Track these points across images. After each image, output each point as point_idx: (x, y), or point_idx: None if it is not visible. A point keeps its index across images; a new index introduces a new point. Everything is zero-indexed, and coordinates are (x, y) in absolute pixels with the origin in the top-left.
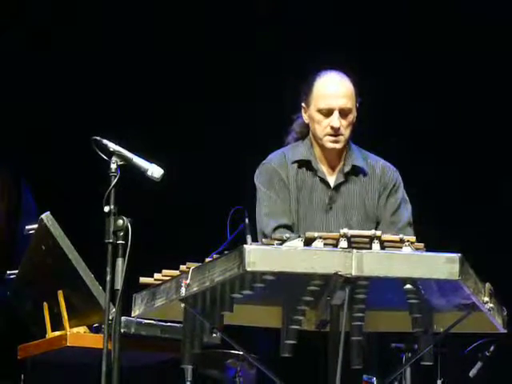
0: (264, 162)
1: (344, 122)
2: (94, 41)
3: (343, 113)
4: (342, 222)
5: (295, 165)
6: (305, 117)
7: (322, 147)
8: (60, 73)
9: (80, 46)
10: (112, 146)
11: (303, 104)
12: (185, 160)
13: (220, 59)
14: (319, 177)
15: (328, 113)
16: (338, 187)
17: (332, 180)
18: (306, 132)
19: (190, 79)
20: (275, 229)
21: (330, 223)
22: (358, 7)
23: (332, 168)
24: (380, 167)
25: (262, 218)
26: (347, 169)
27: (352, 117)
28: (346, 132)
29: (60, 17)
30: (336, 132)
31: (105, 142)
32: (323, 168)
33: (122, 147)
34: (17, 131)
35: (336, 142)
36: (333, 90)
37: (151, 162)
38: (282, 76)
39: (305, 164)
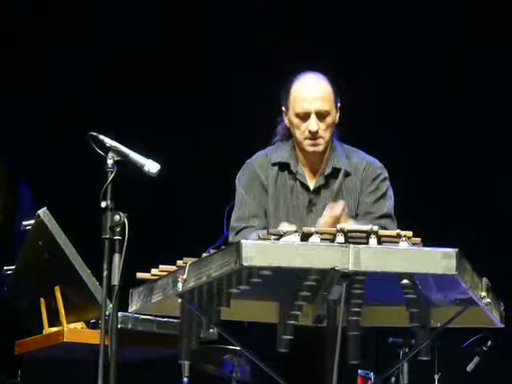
0: (248, 161)
1: (322, 125)
2: (94, 39)
3: (320, 115)
4: None
5: (276, 167)
6: (286, 120)
7: (303, 150)
8: (58, 71)
9: (79, 44)
10: (108, 142)
11: (283, 108)
12: (183, 156)
13: (220, 59)
14: (299, 180)
15: (305, 116)
16: (318, 190)
17: (312, 183)
18: (289, 134)
19: (190, 79)
20: (241, 229)
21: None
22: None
23: (314, 170)
24: (364, 165)
25: (234, 220)
26: (327, 171)
27: (331, 119)
28: (325, 134)
29: (60, 16)
30: (314, 136)
31: (101, 137)
32: (304, 171)
33: (119, 143)
34: (14, 127)
35: (315, 145)
36: (308, 93)
37: (148, 158)
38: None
39: (285, 167)
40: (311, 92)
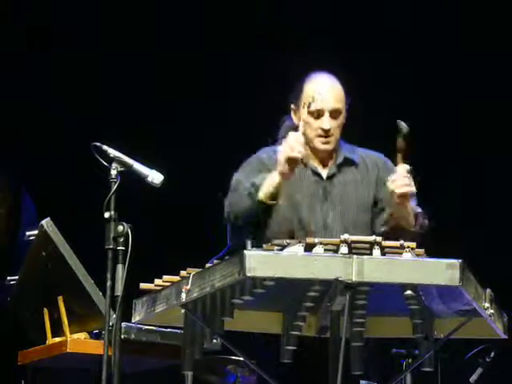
0: (252, 155)
1: (334, 124)
2: (92, 43)
3: (333, 115)
4: (339, 211)
5: None
6: (294, 118)
7: (313, 148)
8: (59, 77)
9: (78, 48)
10: (112, 152)
11: (293, 106)
12: (184, 165)
13: (220, 59)
14: (311, 169)
15: (318, 115)
16: (331, 178)
17: (324, 172)
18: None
19: (190, 79)
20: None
21: (328, 214)
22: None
23: (323, 163)
24: (371, 158)
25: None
26: (339, 160)
27: (342, 118)
28: (336, 133)
29: (59, 17)
30: (327, 133)
31: (105, 148)
32: (314, 163)
33: (122, 152)
34: (16, 136)
35: (327, 143)
36: (323, 93)
37: (151, 168)
38: (283, 77)
39: None
40: (326, 92)
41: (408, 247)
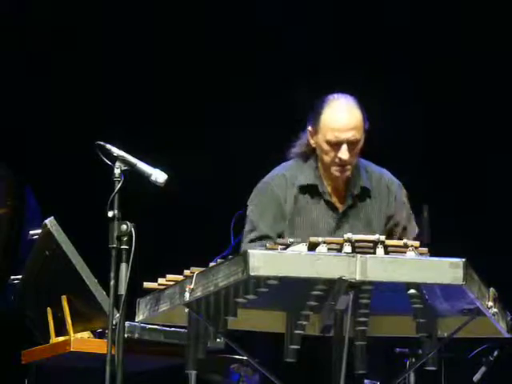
0: (264, 180)
1: (352, 152)
2: (94, 43)
3: (352, 144)
4: None
5: (297, 189)
6: (311, 141)
7: (329, 171)
8: (61, 78)
9: (80, 48)
10: (116, 151)
11: (310, 128)
12: (187, 164)
13: (220, 59)
14: (326, 200)
15: (336, 144)
16: (345, 211)
17: (339, 203)
18: (308, 152)
19: (191, 80)
20: (254, 239)
21: None
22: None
23: (338, 190)
24: (384, 184)
25: (246, 244)
26: (356, 191)
27: (360, 145)
28: (354, 160)
29: (61, 18)
30: (344, 163)
31: (108, 146)
32: (330, 191)
33: (125, 151)
34: (20, 137)
35: (344, 171)
36: (341, 123)
37: (155, 167)
38: (282, 76)
39: (310, 188)
40: (344, 121)
41: (411, 246)
